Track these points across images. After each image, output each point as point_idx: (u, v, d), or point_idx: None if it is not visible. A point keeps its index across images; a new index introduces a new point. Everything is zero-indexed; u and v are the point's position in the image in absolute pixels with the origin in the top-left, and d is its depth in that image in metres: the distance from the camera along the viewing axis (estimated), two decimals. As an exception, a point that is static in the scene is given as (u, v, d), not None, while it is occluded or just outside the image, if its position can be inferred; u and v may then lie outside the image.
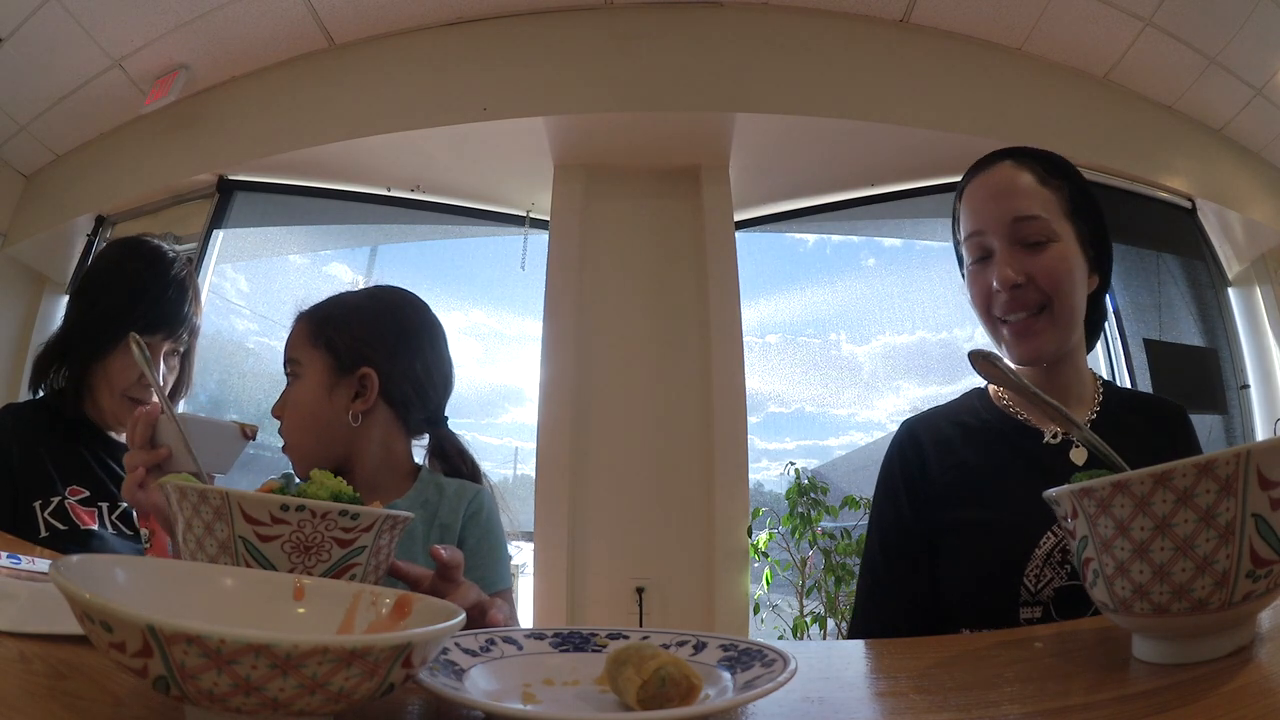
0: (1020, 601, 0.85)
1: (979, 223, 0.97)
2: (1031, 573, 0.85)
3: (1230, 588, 0.48)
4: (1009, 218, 0.94)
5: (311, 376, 1.04)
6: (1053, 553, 0.85)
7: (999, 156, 1.00)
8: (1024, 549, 0.86)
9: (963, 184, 1.03)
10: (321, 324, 1.07)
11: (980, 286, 0.97)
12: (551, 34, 3.05)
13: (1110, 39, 3.02)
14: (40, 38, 2.93)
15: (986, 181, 0.98)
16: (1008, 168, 0.98)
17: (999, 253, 0.95)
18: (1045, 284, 0.93)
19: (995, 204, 0.96)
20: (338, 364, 1.04)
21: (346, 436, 1.04)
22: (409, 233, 3.68)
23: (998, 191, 0.97)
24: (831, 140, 3.07)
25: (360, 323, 1.07)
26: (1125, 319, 3.14)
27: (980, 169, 1.01)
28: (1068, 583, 0.84)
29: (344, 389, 1.04)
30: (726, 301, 3.01)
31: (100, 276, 1.35)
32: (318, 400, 1.03)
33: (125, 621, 0.33)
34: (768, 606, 2.85)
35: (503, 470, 3.58)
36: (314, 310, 1.10)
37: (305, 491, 0.65)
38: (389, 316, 1.10)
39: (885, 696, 0.55)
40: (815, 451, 3.43)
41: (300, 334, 1.07)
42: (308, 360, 1.04)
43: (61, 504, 1.22)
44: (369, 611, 0.50)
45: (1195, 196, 3.35)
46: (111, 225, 3.57)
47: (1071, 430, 0.62)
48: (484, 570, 1.02)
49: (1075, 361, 1.00)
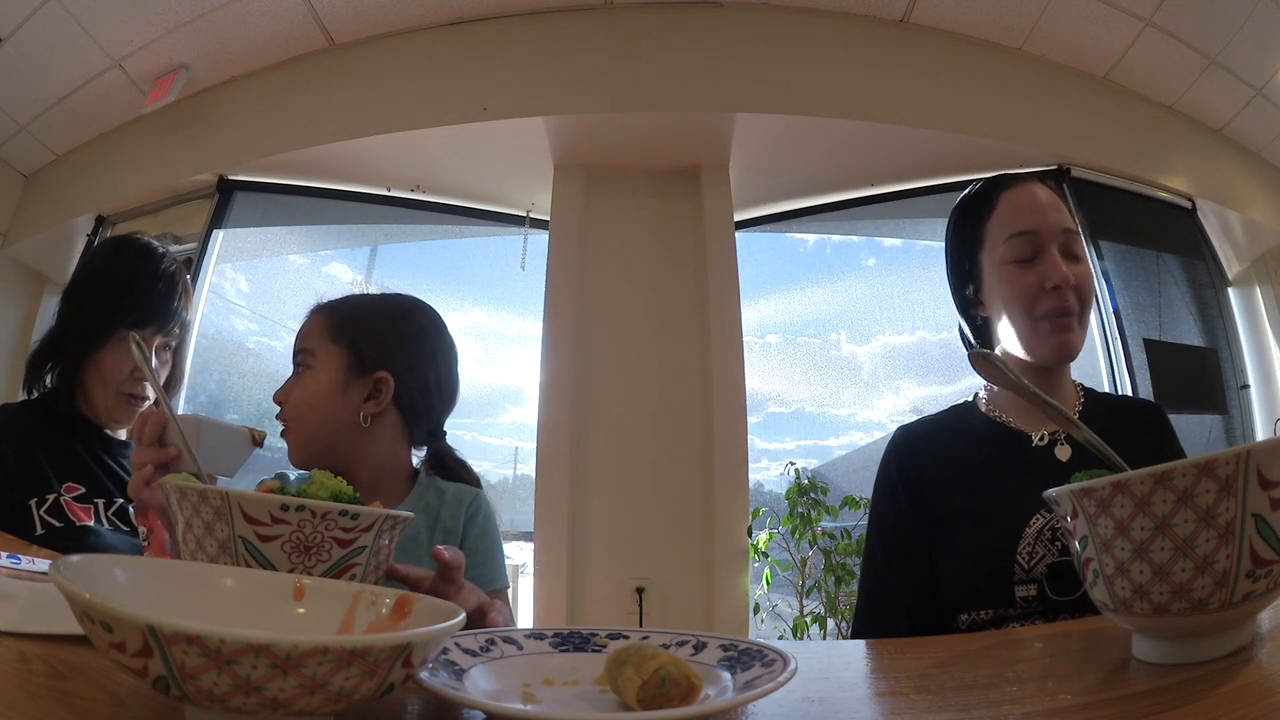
0: (1015, 579, 0.88)
1: (1033, 223, 1.01)
2: (1024, 550, 0.89)
3: (1230, 588, 0.48)
4: (1059, 227, 1.01)
5: (326, 371, 1.04)
6: (1043, 531, 0.88)
7: (1028, 177, 1.08)
8: (1015, 529, 0.90)
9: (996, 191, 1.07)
10: (345, 321, 1.07)
11: (1024, 284, 1.01)
12: (551, 34, 3.05)
13: (1110, 39, 3.02)
14: (40, 38, 2.93)
15: (1033, 192, 1.04)
16: (1046, 188, 1.06)
17: (1050, 254, 1.00)
18: (1084, 292, 1.00)
19: (1048, 212, 1.02)
20: (356, 363, 1.05)
21: (350, 436, 1.04)
22: (409, 233, 3.68)
23: (1049, 202, 1.03)
24: (831, 140, 3.07)
25: (384, 327, 1.08)
26: (1125, 319, 3.13)
27: (1014, 181, 1.07)
28: (1059, 559, 0.87)
29: (357, 388, 1.04)
30: (726, 301, 3.01)
31: (91, 273, 1.35)
32: (329, 395, 1.03)
33: (125, 621, 0.33)
34: (768, 606, 2.86)
35: (503, 470, 3.58)
36: (336, 306, 1.10)
37: (305, 491, 0.65)
38: (412, 326, 1.11)
39: (885, 696, 0.55)
40: (815, 451, 3.43)
41: (319, 326, 1.07)
42: (324, 354, 1.04)
43: (57, 501, 1.22)
44: (369, 611, 0.50)
45: (1195, 196, 3.35)
46: (111, 225, 3.56)
47: (1070, 429, 0.62)
48: (481, 568, 1.03)
49: (1067, 370, 1.06)
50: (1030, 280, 1.00)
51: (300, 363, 1.05)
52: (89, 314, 1.29)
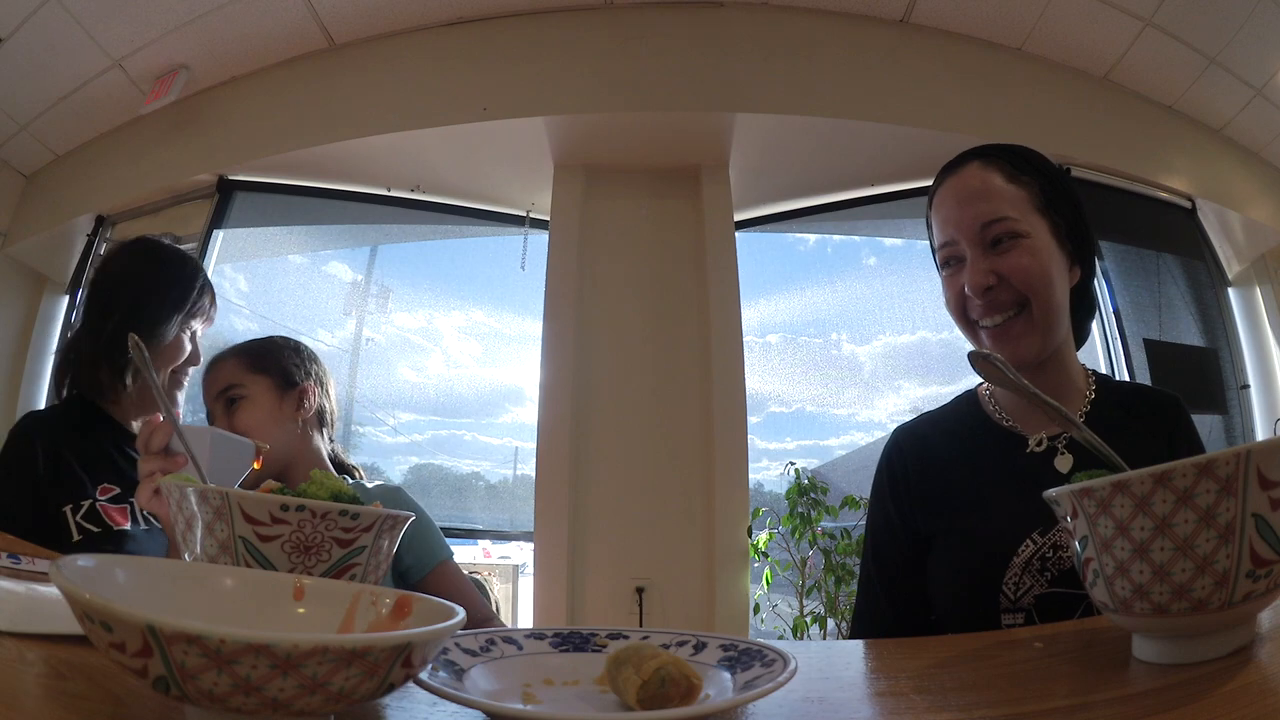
0: (1001, 608, 0.86)
1: (948, 232, 0.96)
2: (1010, 580, 0.86)
3: (1230, 588, 0.48)
4: (977, 223, 0.93)
5: (260, 396, 1.26)
6: (1031, 560, 0.85)
7: (967, 157, 0.98)
8: (1002, 557, 0.86)
9: (933, 189, 1.02)
10: (257, 357, 1.29)
11: (953, 292, 0.96)
12: (551, 34, 3.05)
13: (1110, 39, 3.02)
14: (40, 38, 2.93)
15: (954, 187, 0.97)
16: (975, 169, 0.96)
17: (969, 257, 0.94)
18: (1018, 282, 0.91)
19: (962, 210, 0.94)
20: (282, 381, 1.29)
21: (291, 441, 1.26)
22: (409, 233, 3.68)
23: (964, 197, 0.95)
24: (831, 140, 3.07)
25: (285, 353, 1.32)
26: (1125, 319, 3.14)
27: (949, 172, 0.99)
28: (1048, 590, 0.84)
29: (289, 402, 1.28)
30: (726, 301, 3.01)
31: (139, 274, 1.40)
32: (271, 415, 1.25)
33: (125, 621, 0.33)
34: (768, 606, 2.85)
35: (503, 470, 3.58)
36: (239, 350, 1.31)
37: (305, 491, 0.65)
38: (303, 350, 1.36)
39: (885, 696, 0.55)
40: (815, 451, 3.43)
41: (237, 366, 1.28)
42: (252, 383, 1.26)
43: (93, 506, 1.22)
44: (369, 611, 0.50)
45: (1195, 196, 3.35)
46: (111, 225, 3.57)
47: (1071, 430, 0.61)
48: (419, 551, 1.22)
49: (1064, 359, 0.98)
50: (958, 287, 0.95)
51: (229, 397, 1.25)
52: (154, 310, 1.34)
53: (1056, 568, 0.84)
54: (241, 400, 1.25)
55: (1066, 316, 0.97)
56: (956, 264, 0.96)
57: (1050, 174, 0.99)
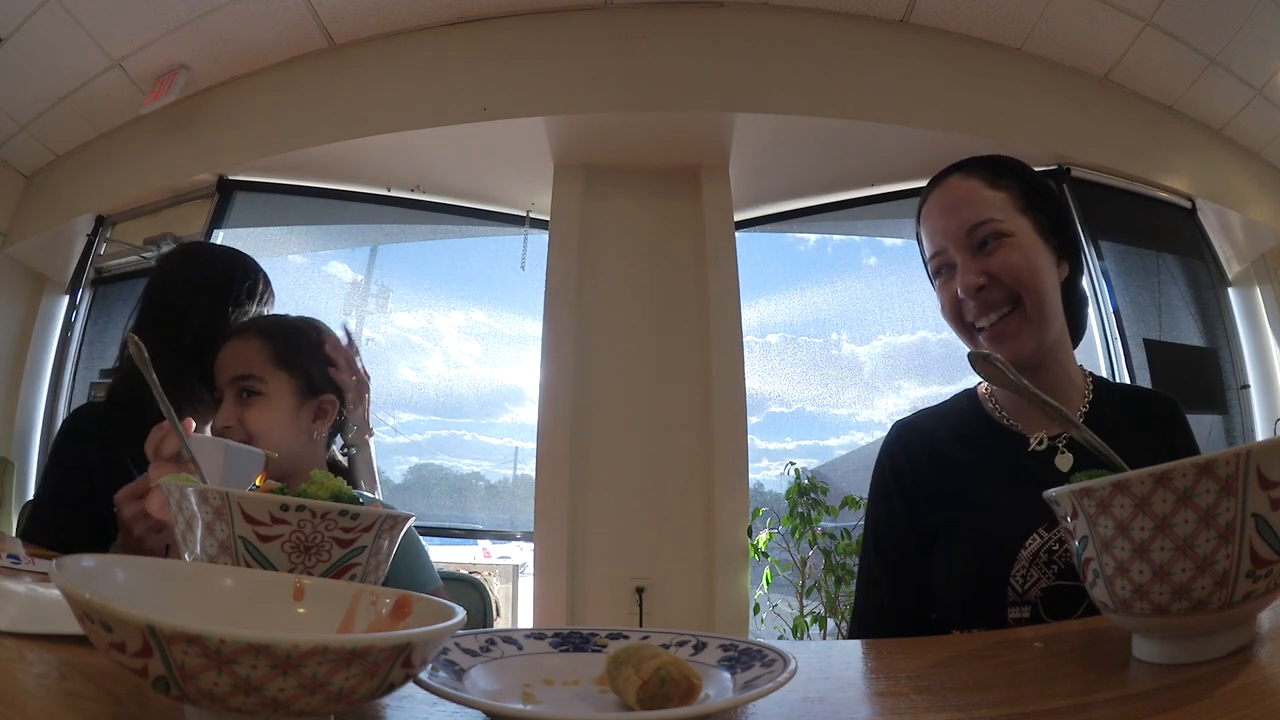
0: (1008, 601, 0.86)
1: (937, 242, 1.00)
2: (1018, 573, 0.86)
3: (1230, 588, 0.48)
4: (963, 229, 0.96)
5: (279, 398, 1.13)
6: (1039, 553, 0.85)
7: (947, 172, 1.03)
8: (1010, 550, 0.87)
9: (919, 205, 1.05)
10: (288, 350, 1.16)
11: (948, 298, 1.00)
12: (551, 34, 3.05)
13: (1110, 39, 3.02)
14: (40, 38, 2.93)
15: (939, 199, 1.01)
16: (957, 180, 1.00)
17: (959, 262, 0.97)
18: (1007, 279, 0.94)
19: (947, 219, 0.98)
20: (306, 387, 1.16)
21: (300, 452, 1.14)
22: (409, 233, 3.68)
23: (948, 207, 0.99)
24: (831, 140, 3.07)
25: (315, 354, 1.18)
26: (1125, 319, 3.13)
27: (932, 187, 1.03)
28: (1055, 583, 0.85)
29: (307, 410, 1.16)
30: (726, 301, 3.01)
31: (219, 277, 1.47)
32: (286, 420, 1.13)
33: (125, 621, 0.33)
34: (768, 606, 2.85)
35: (503, 470, 3.58)
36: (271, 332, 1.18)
37: (305, 491, 0.65)
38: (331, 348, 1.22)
39: (885, 696, 0.55)
40: (815, 451, 3.44)
41: (261, 354, 1.15)
42: (274, 380, 1.13)
43: None
44: (369, 611, 0.50)
45: (1195, 196, 3.35)
46: (111, 225, 3.57)
47: (1071, 430, 0.61)
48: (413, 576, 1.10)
49: (1060, 360, 0.99)
50: (952, 292, 0.98)
51: (245, 388, 1.13)
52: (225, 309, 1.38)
53: (1063, 561, 0.84)
54: (258, 396, 1.12)
55: (1060, 312, 0.98)
56: (948, 272, 0.99)
57: (1029, 177, 1.02)
